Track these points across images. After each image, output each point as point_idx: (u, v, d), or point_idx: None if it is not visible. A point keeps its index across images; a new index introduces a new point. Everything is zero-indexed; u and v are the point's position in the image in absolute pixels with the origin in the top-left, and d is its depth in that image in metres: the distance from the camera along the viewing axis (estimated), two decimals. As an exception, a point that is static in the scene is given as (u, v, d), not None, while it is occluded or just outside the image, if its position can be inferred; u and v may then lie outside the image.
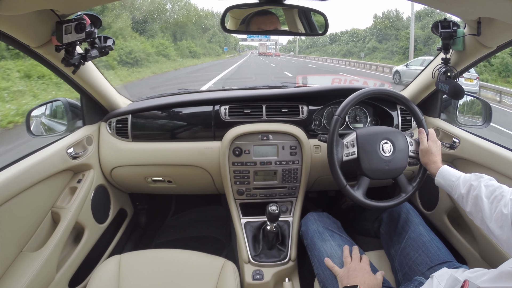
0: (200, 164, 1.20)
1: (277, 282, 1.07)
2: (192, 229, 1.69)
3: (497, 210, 0.68)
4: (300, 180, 1.18)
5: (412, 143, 0.98)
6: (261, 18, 0.92)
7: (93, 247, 1.15)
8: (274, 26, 0.91)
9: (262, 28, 0.91)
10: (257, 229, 1.16)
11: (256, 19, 0.92)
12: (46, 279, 0.91)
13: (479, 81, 8.35)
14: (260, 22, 0.91)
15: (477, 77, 8.20)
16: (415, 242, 0.91)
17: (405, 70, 9.78)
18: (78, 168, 1.12)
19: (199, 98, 1.25)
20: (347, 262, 0.86)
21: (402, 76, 9.87)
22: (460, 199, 0.80)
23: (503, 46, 0.85)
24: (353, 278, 0.79)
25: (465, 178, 0.80)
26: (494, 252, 0.93)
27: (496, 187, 0.72)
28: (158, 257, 0.97)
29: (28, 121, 1.10)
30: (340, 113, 0.97)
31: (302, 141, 1.15)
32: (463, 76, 7.21)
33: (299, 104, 1.22)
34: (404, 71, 9.88)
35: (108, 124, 1.23)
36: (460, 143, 1.10)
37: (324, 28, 0.94)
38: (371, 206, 0.95)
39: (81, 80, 1.01)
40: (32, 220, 0.93)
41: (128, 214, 1.48)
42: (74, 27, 0.73)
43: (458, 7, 0.76)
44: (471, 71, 7.69)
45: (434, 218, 1.23)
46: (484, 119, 1.19)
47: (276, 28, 0.92)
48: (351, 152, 0.96)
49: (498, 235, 0.67)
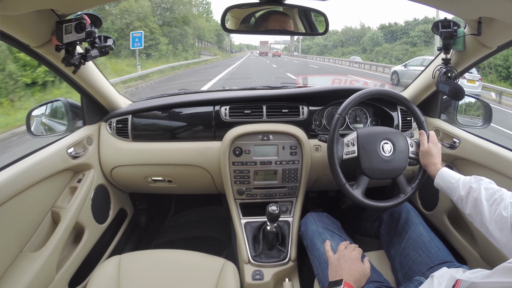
0: (200, 164, 1.20)
1: (277, 282, 1.07)
2: (192, 229, 1.69)
3: (497, 213, 0.68)
4: (300, 180, 1.18)
5: (412, 144, 0.98)
6: (261, 18, 0.92)
7: (93, 247, 1.15)
8: (275, 25, 0.91)
9: (262, 27, 0.92)
10: (257, 229, 1.16)
11: (256, 18, 0.92)
12: (46, 279, 0.91)
13: (481, 82, 8.12)
14: (260, 21, 0.91)
15: (479, 78, 7.97)
16: (415, 242, 0.91)
17: (404, 71, 9.40)
18: (78, 168, 1.12)
19: (199, 98, 1.25)
20: (330, 256, 0.87)
21: (400, 77, 9.48)
22: (459, 201, 0.80)
23: (504, 46, 0.85)
24: (341, 265, 0.80)
25: (465, 180, 0.80)
26: (494, 252, 0.93)
27: (496, 190, 0.72)
28: (158, 257, 0.97)
29: (29, 121, 1.10)
30: (342, 112, 0.97)
31: (302, 141, 1.15)
32: (465, 78, 7.10)
33: (300, 104, 1.22)
34: (402, 72, 9.47)
35: (109, 124, 1.23)
36: (460, 143, 1.10)
37: (324, 28, 0.94)
38: (369, 205, 0.95)
39: (82, 80, 1.01)
40: (32, 220, 0.93)
41: (128, 214, 1.48)
42: (74, 26, 0.73)
43: (458, 7, 0.76)
44: (473, 72, 7.53)
45: (434, 219, 1.22)
46: (484, 119, 1.19)
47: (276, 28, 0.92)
48: (351, 150, 0.96)
49: (498, 238, 0.67)
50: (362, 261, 0.84)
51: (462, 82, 6.67)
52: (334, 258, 0.85)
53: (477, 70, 8.21)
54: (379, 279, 0.88)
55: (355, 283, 0.75)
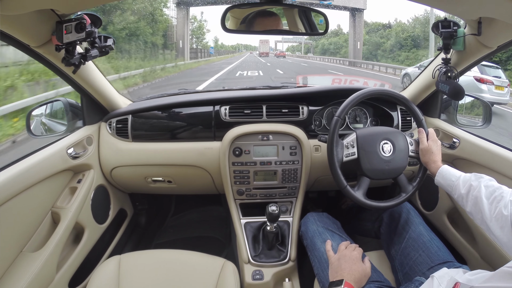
0: (200, 164, 1.20)
1: (277, 282, 1.07)
2: (192, 229, 1.69)
3: (497, 210, 0.68)
4: (300, 180, 1.18)
5: (412, 143, 0.98)
6: (261, 18, 0.92)
7: (93, 247, 1.15)
8: (275, 25, 0.91)
9: (262, 27, 0.92)
10: (257, 229, 1.15)
11: (256, 18, 0.92)
12: (46, 279, 0.91)
13: (510, 88, 6.64)
14: (260, 21, 0.91)
15: (508, 84, 6.55)
16: (416, 242, 0.91)
17: (418, 73, 8.85)
18: (78, 168, 1.12)
19: (199, 98, 1.25)
20: (331, 256, 0.87)
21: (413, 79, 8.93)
22: (460, 199, 0.80)
23: (504, 46, 0.85)
24: (341, 265, 0.81)
25: (465, 178, 0.80)
26: (494, 252, 0.93)
27: (496, 188, 0.72)
28: (158, 257, 0.97)
29: (29, 121, 1.10)
30: (340, 114, 0.97)
31: (302, 141, 1.15)
32: (493, 83, 6.13)
33: (299, 104, 1.22)
34: (415, 74, 8.96)
35: (108, 124, 1.23)
36: (460, 143, 1.10)
37: (324, 27, 0.94)
38: (371, 206, 0.95)
39: (81, 80, 1.01)
40: (32, 220, 0.93)
41: (128, 214, 1.48)
42: (74, 26, 0.73)
43: (458, 7, 0.76)
44: (501, 77, 6.38)
45: (434, 218, 1.22)
46: (484, 119, 1.19)
47: (276, 28, 0.92)
48: (351, 152, 0.96)
49: (498, 236, 0.67)
50: (363, 261, 0.84)
51: (490, 89, 6.08)
52: (334, 258, 0.85)
53: (503, 71, 6.82)
54: (380, 279, 0.88)
55: (355, 283, 0.75)
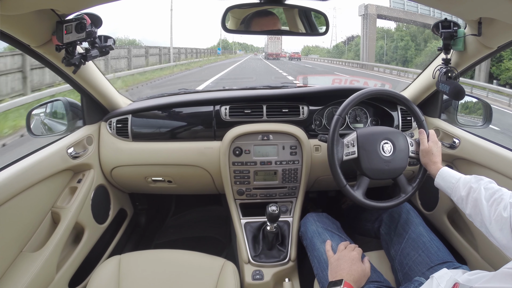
0: (200, 164, 1.20)
1: (277, 282, 1.07)
2: (192, 229, 1.69)
3: (497, 213, 0.68)
4: (300, 180, 1.18)
5: (412, 144, 0.98)
6: (261, 18, 0.92)
7: (93, 247, 1.15)
8: (275, 26, 0.91)
9: (262, 28, 0.92)
10: (257, 230, 1.15)
11: (256, 18, 0.92)
12: (46, 279, 0.91)
13: None
14: (260, 21, 0.91)
15: None
16: (415, 242, 0.91)
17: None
18: (78, 168, 1.12)
19: (199, 98, 1.25)
20: (330, 256, 0.87)
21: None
22: (459, 201, 0.80)
23: (504, 46, 0.85)
24: (340, 265, 0.81)
25: (465, 180, 0.80)
26: (494, 252, 0.93)
27: (495, 190, 0.72)
28: (158, 257, 0.97)
29: (29, 120, 1.10)
30: (341, 112, 0.97)
31: (302, 141, 1.15)
32: None
33: (300, 104, 1.22)
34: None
35: (109, 124, 1.22)
36: (460, 143, 1.10)
37: (325, 28, 0.94)
38: (371, 206, 0.95)
39: (82, 79, 1.01)
40: (32, 220, 0.93)
41: (128, 214, 1.48)
42: (74, 26, 0.73)
43: (458, 7, 0.76)
44: None
45: (434, 219, 1.22)
46: (485, 119, 1.19)
47: (277, 28, 0.93)
48: (351, 151, 0.96)
49: (498, 238, 0.67)
50: (362, 261, 0.84)
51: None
52: (334, 258, 0.85)
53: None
54: (379, 279, 0.88)
55: (355, 283, 0.75)
